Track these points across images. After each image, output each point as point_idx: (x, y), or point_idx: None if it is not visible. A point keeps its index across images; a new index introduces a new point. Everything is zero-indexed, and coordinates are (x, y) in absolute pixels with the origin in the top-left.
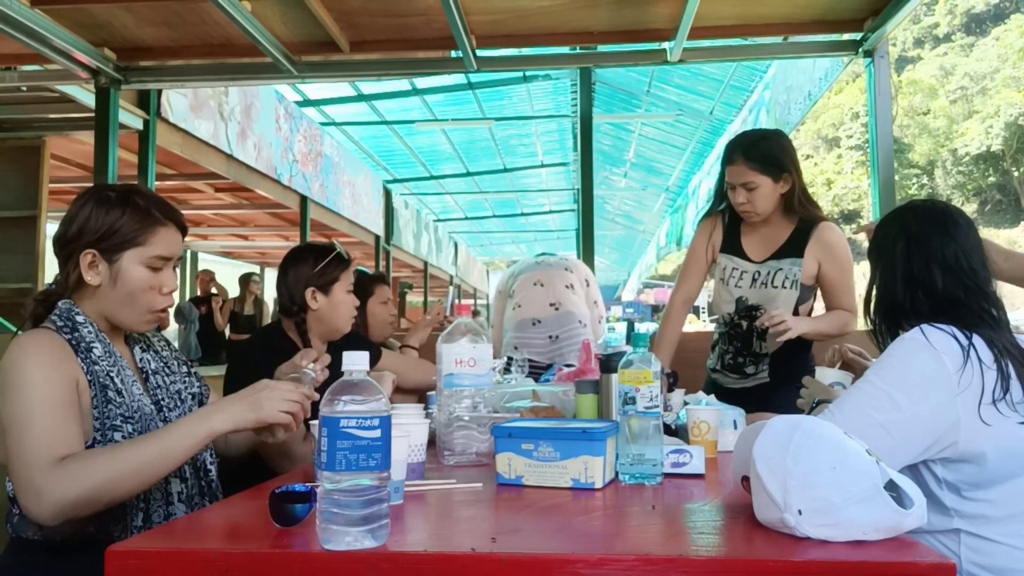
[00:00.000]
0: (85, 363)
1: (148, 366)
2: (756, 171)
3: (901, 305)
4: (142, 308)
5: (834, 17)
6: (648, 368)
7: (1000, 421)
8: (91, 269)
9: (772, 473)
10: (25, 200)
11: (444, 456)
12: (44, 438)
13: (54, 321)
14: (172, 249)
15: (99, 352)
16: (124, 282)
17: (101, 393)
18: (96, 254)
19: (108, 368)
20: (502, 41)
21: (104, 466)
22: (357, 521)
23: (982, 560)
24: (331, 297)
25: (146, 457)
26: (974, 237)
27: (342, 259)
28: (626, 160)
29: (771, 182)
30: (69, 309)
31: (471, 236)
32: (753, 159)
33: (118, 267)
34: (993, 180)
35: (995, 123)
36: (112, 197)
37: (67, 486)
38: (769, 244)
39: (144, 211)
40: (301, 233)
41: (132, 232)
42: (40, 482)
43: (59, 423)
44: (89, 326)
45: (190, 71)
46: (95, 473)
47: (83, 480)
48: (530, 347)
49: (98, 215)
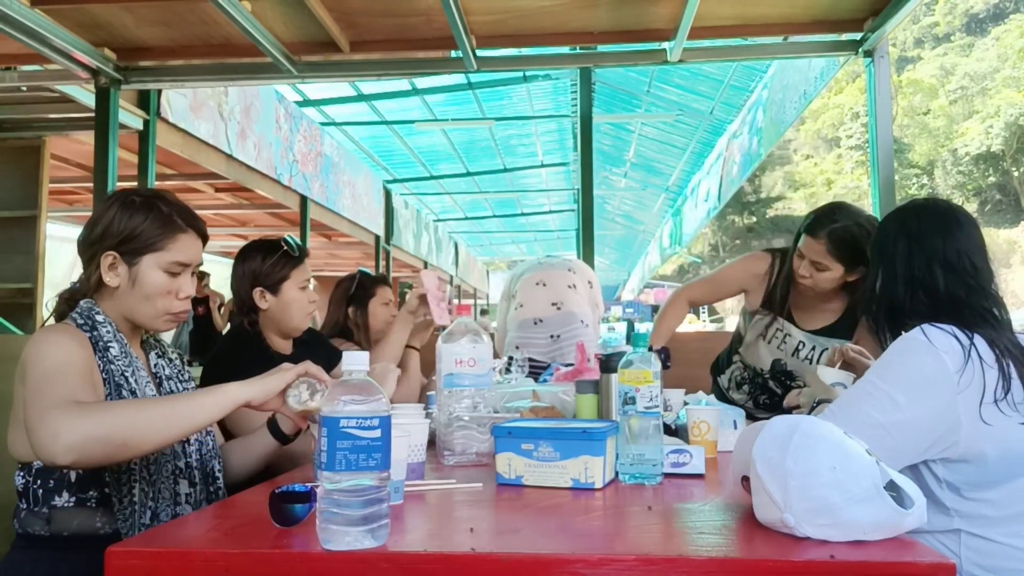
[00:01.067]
0: (102, 361)
1: (162, 372)
2: (833, 258)
3: (902, 304)
4: (159, 310)
5: (834, 17)
6: (648, 368)
7: (1001, 421)
8: (111, 271)
9: (772, 473)
10: (25, 200)
11: (444, 456)
12: (67, 388)
13: (75, 318)
14: (191, 256)
15: (116, 352)
16: (142, 285)
17: (116, 392)
18: (117, 256)
19: (123, 368)
20: (502, 41)
21: (125, 411)
22: (357, 521)
23: (982, 560)
24: (280, 296)
25: (167, 412)
26: (976, 236)
27: (291, 256)
28: (626, 160)
29: (843, 270)
30: (90, 308)
31: (471, 236)
32: (835, 245)
33: (137, 270)
34: (993, 180)
35: (995, 123)
36: (137, 202)
37: (85, 422)
38: (821, 316)
39: (166, 217)
40: (301, 233)
41: (153, 237)
42: (58, 420)
43: (81, 385)
44: (108, 326)
45: (190, 71)
46: (115, 416)
47: (102, 420)
48: (531, 346)
49: (122, 218)
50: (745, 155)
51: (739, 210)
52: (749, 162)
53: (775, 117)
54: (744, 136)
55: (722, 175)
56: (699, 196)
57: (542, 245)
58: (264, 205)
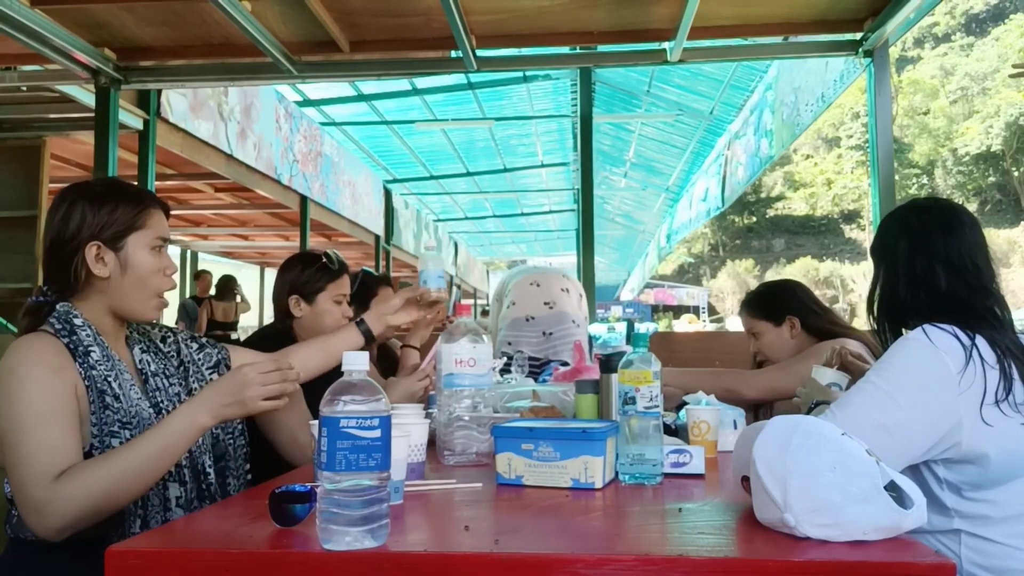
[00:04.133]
0: (83, 368)
1: (148, 367)
2: (755, 319)
3: (904, 304)
4: (151, 292)
5: (834, 17)
6: (648, 368)
7: (1002, 422)
8: (99, 262)
9: (772, 473)
10: (25, 200)
11: (444, 456)
12: (40, 453)
13: (52, 323)
14: (166, 230)
15: (97, 356)
16: (134, 267)
17: (99, 399)
18: (101, 245)
19: (106, 372)
20: (502, 41)
21: (101, 478)
22: (357, 521)
23: (983, 560)
24: (315, 306)
25: (141, 463)
26: (978, 236)
27: (328, 269)
28: (626, 160)
29: (771, 325)
30: (67, 311)
31: (471, 236)
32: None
33: (125, 254)
34: (993, 180)
35: (995, 123)
36: (99, 189)
37: (68, 504)
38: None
39: (135, 196)
40: (301, 233)
41: (131, 217)
42: (40, 502)
43: (55, 435)
44: (87, 328)
45: (190, 71)
46: (94, 487)
47: (83, 496)
48: (523, 344)
49: (92, 209)
50: (752, 156)
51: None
52: (758, 164)
53: (788, 119)
54: (749, 137)
55: (724, 175)
56: (695, 195)
57: (542, 245)
58: (264, 205)
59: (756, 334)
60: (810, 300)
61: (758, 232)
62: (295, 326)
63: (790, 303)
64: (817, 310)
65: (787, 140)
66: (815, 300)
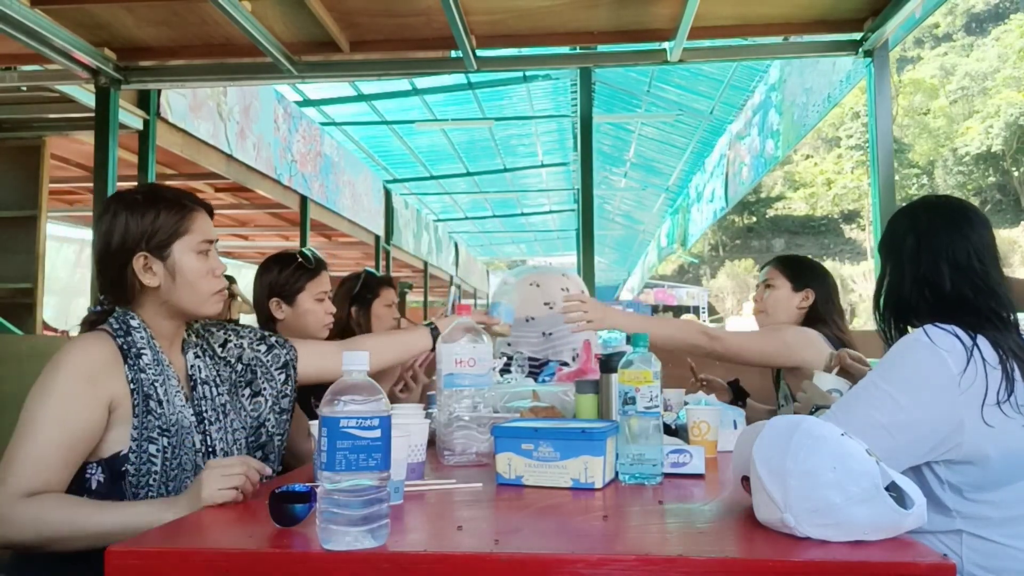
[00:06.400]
0: (132, 370)
1: (198, 374)
2: (780, 275)
3: (908, 303)
4: (204, 294)
5: (834, 17)
6: (648, 368)
7: (1004, 423)
8: (147, 271)
9: (772, 473)
10: (25, 200)
11: (444, 456)
12: (28, 465)
13: (110, 323)
14: (211, 232)
15: (147, 360)
16: (182, 273)
17: (143, 403)
18: (148, 255)
19: (154, 377)
20: (502, 41)
21: (56, 524)
22: (357, 521)
23: (984, 561)
24: (296, 307)
25: (93, 530)
26: (987, 235)
27: (306, 268)
28: (626, 160)
29: (790, 287)
30: (125, 313)
31: (471, 236)
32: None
33: (172, 261)
34: (993, 180)
35: (995, 123)
36: (140, 199)
37: (17, 527)
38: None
39: (176, 202)
40: (301, 233)
41: (174, 224)
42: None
43: (51, 455)
44: (142, 331)
45: (190, 71)
46: (46, 527)
47: (33, 528)
48: (523, 344)
49: (135, 219)
50: (757, 157)
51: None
52: (764, 164)
53: (796, 119)
54: (753, 138)
55: (727, 176)
56: (704, 198)
57: (542, 245)
58: (264, 205)
59: (772, 286)
60: (835, 293)
61: (758, 232)
62: (279, 329)
63: (817, 281)
64: (834, 304)
65: (793, 141)
66: (838, 298)
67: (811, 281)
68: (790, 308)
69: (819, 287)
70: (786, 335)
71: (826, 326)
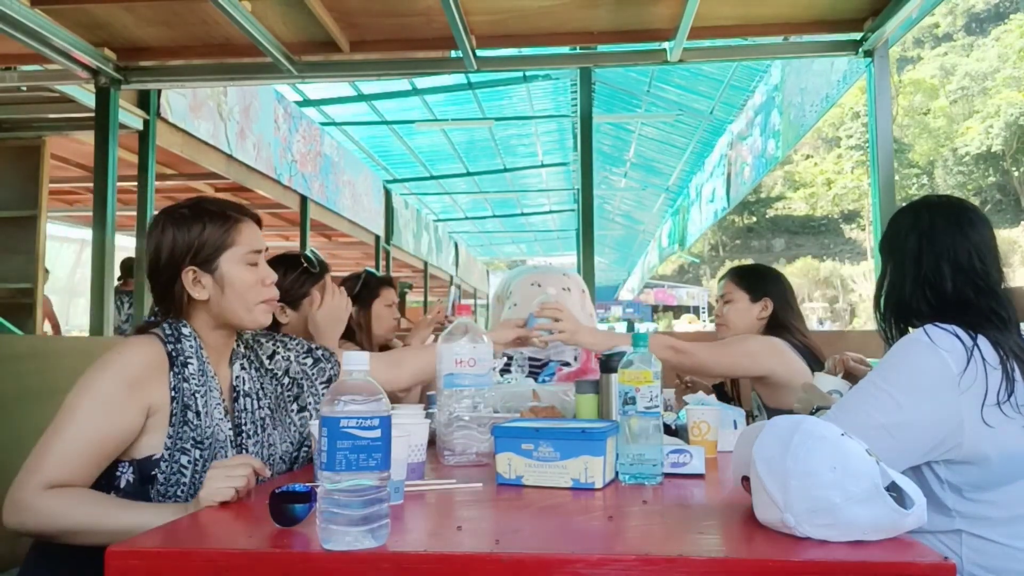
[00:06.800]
0: (176, 378)
1: (242, 386)
2: (735, 286)
3: (909, 303)
4: (253, 303)
5: (834, 17)
6: (648, 368)
7: (1004, 423)
8: (196, 285)
9: (772, 473)
10: (25, 200)
11: (444, 456)
12: (57, 458)
13: (163, 328)
14: (259, 242)
15: (192, 370)
16: (231, 285)
17: (181, 412)
18: (196, 269)
19: (196, 388)
20: (502, 41)
21: (76, 517)
22: (357, 521)
23: (984, 561)
24: (301, 312)
25: (115, 526)
26: (989, 236)
27: (310, 273)
28: (626, 160)
29: (747, 298)
30: (177, 320)
31: (471, 236)
32: (736, 275)
33: (220, 274)
34: (993, 180)
35: (995, 123)
36: (186, 213)
37: (37, 516)
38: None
39: (220, 214)
40: (301, 233)
41: (219, 237)
42: (20, 499)
43: (80, 452)
44: (192, 340)
45: (190, 71)
46: (64, 520)
47: (50, 520)
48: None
49: (181, 234)
50: (758, 157)
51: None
52: (765, 164)
53: (795, 119)
54: (755, 138)
55: (729, 176)
56: (704, 197)
57: (542, 245)
58: (264, 205)
59: (729, 301)
60: (791, 297)
61: (758, 232)
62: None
63: (773, 288)
64: (792, 309)
65: (792, 141)
66: (795, 301)
67: (767, 289)
68: (750, 319)
69: (776, 294)
70: (750, 345)
71: (788, 332)
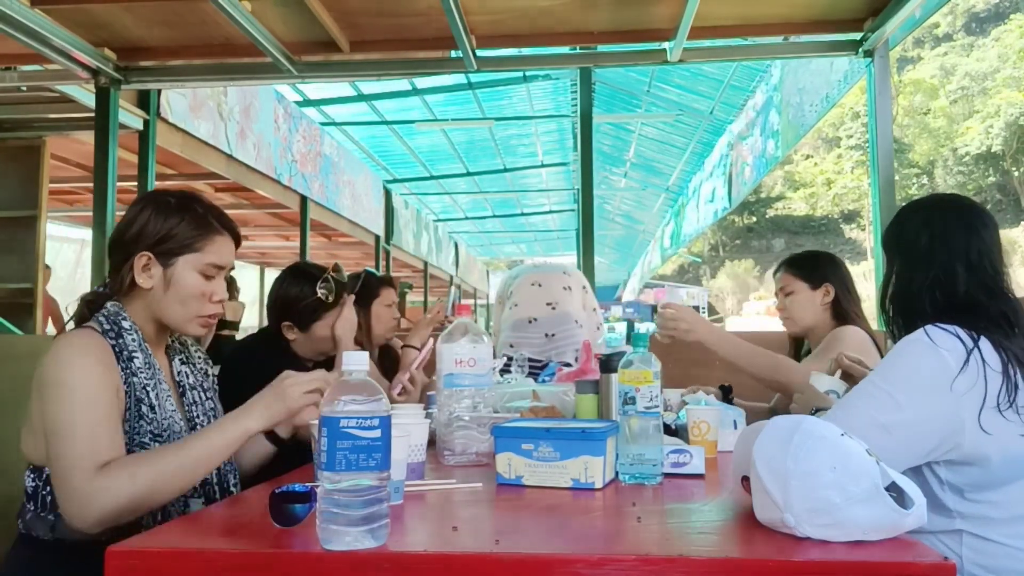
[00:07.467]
0: (125, 372)
1: (185, 380)
2: (793, 277)
3: (918, 303)
4: (191, 313)
5: (834, 17)
6: (648, 368)
7: (1004, 426)
8: (144, 272)
9: (772, 473)
10: (25, 200)
11: (444, 456)
12: (87, 444)
13: (100, 323)
14: (226, 258)
15: (139, 363)
16: (176, 287)
17: (135, 407)
18: (151, 257)
19: (145, 381)
20: (502, 41)
21: (146, 472)
22: (357, 521)
23: (984, 561)
24: (311, 333)
25: (185, 462)
26: (997, 237)
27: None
28: (626, 160)
29: (807, 287)
30: (116, 313)
31: (471, 236)
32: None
33: (172, 272)
34: (993, 180)
35: (995, 123)
36: (172, 203)
37: (110, 494)
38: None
39: (202, 218)
40: (301, 233)
41: (189, 238)
42: (84, 491)
43: (102, 428)
44: (134, 333)
45: (190, 71)
46: (137, 480)
47: (126, 487)
48: (526, 345)
49: (157, 220)
50: (758, 157)
51: (739, 210)
52: (765, 164)
53: (794, 119)
54: (756, 138)
55: (730, 176)
56: (702, 197)
57: (542, 245)
58: (264, 205)
59: (789, 293)
60: (849, 280)
61: (758, 232)
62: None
63: (832, 272)
64: (851, 291)
65: (792, 141)
66: (852, 282)
67: (826, 274)
68: (814, 308)
69: (836, 278)
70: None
71: (853, 322)
